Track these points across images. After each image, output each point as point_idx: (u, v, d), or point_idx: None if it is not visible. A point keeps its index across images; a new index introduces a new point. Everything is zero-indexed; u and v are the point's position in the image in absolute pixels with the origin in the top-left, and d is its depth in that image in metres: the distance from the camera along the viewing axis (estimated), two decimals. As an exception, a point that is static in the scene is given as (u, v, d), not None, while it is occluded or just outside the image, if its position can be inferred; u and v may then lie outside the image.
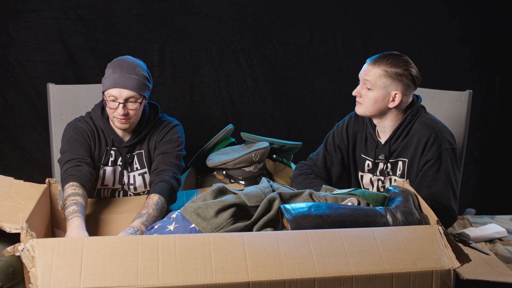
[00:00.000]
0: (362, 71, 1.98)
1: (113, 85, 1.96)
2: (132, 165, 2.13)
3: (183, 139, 2.16)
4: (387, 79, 1.91)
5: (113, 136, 2.07)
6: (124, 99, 1.97)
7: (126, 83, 1.96)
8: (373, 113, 1.97)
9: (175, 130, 2.13)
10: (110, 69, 1.99)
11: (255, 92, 3.31)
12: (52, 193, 1.74)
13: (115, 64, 2.00)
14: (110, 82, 1.97)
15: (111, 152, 2.09)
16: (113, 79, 1.96)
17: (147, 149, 2.12)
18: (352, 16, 3.30)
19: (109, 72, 1.99)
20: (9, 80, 3.00)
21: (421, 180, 1.90)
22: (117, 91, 1.96)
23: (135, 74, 1.98)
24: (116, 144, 2.08)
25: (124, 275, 1.17)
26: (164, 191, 1.93)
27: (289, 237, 1.31)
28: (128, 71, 1.97)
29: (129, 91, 1.97)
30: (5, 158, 3.07)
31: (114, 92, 1.96)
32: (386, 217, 1.52)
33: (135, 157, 2.12)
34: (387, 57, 1.93)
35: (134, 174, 2.13)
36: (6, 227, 1.33)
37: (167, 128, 2.13)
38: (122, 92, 1.96)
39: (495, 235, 1.87)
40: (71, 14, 3.00)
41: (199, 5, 3.14)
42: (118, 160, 2.11)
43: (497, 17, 3.39)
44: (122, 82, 1.96)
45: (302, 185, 2.08)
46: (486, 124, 3.50)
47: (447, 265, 1.29)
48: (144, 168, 2.13)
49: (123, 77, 1.96)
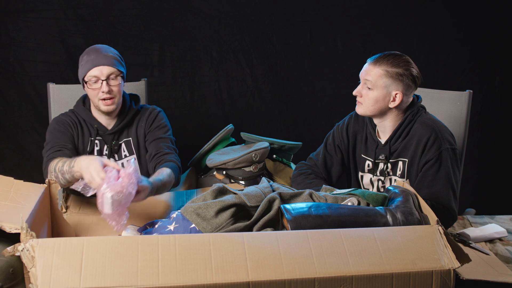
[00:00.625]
0: (362, 71, 1.97)
1: (92, 65, 2.05)
2: (120, 152, 2.19)
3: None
4: (387, 79, 1.91)
5: (97, 125, 2.14)
6: (106, 76, 2.05)
7: (104, 61, 2.06)
8: (374, 113, 1.97)
9: (161, 116, 2.23)
10: (85, 56, 2.09)
11: (255, 92, 3.31)
12: (52, 193, 1.74)
13: (88, 50, 2.10)
14: (88, 65, 2.06)
15: (96, 142, 2.15)
16: (91, 61, 2.05)
17: (135, 136, 2.20)
18: (352, 16, 3.30)
19: (84, 58, 2.08)
20: (9, 80, 3.00)
21: (421, 180, 1.90)
22: (98, 69, 2.05)
23: (109, 52, 2.09)
24: (100, 132, 2.15)
25: (124, 275, 1.17)
26: (174, 168, 2.03)
27: (289, 237, 1.30)
28: (102, 51, 2.08)
29: (109, 67, 2.06)
30: (5, 158, 3.07)
31: (95, 72, 2.05)
32: (386, 217, 1.52)
33: (123, 144, 2.19)
34: (388, 57, 1.92)
35: (123, 162, 2.19)
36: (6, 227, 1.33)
37: (153, 114, 2.22)
38: (102, 70, 2.05)
39: (495, 235, 1.87)
40: (71, 14, 3.00)
41: (199, 5, 3.14)
42: (103, 150, 2.16)
43: (497, 17, 3.39)
44: (100, 61, 2.05)
45: (302, 185, 2.08)
46: (486, 124, 3.50)
47: (447, 265, 1.29)
48: (132, 154, 2.20)
49: (100, 56, 2.06)
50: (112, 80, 2.07)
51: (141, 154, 2.22)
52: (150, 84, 2.92)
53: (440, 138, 1.91)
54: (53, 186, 1.73)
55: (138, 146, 2.21)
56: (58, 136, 2.10)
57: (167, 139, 2.17)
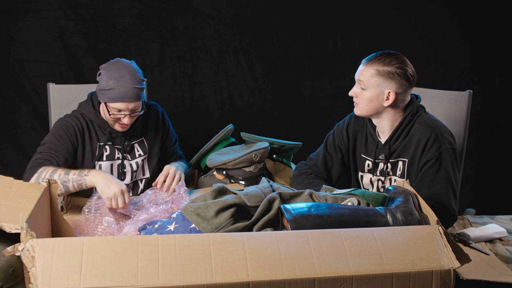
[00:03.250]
0: (357, 72, 1.99)
1: (119, 99, 1.97)
2: (133, 152, 2.18)
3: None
4: (379, 78, 1.91)
5: (109, 128, 2.11)
6: (131, 110, 2.01)
7: (132, 96, 1.98)
8: (369, 112, 1.98)
9: (167, 117, 2.30)
10: (112, 80, 1.97)
11: (255, 92, 3.31)
12: (52, 193, 1.73)
13: (116, 74, 1.98)
14: (115, 96, 1.97)
15: (105, 147, 2.12)
16: (119, 93, 1.96)
17: (148, 135, 2.21)
18: (352, 16, 3.30)
19: (111, 83, 1.97)
20: (9, 80, 3.00)
21: (421, 180, 1.90)
22: (124, 105, 1.99)
23: (136, 83, 2.00)
24: (113, 135, 2.12)
25: (124, 275, 1.17)
26: (186, 165, 2.29)
27: (289, 237, 1.30)
28: (131, 82, 1.98)
29: (135, 102, 2.01)
30: (5, 158, 3.07)
31: (120, 105, 1.99)
32: (386, 217, 1.52)
33: (136, 145, 2.19)
34: (380, 56, 1.93)
35: (137, 161, 2.18)
36: (6, 227, 1.33)
37: (162, 116, 2.27)
38: (129, 105, 2.00)
39: (495, 235, 1.87)
40: (71, 14, 3.00)
41: (199, 5, 3.14)
42: (115, 154, 2.14)
43: (497, 17, 3.39)
44: (128, 95, 1.97)
45: (302, 185, 2.08)
46: (486, 124, 3.50)
47: (447, 265, 1.29)
48: (145, 154, 2.21)
49: (128, 89, 1.97)
50: (135, 112, 2.04)
51: (152, 153, 2.23)
52: (150, 84, 2.92)
53: (440, 138, 1.91)
54: (53, 186, 1.73)
55: (151, 145, 2.22)
56: (57, 143, 2.04)
57: (176, 143, 2.35)
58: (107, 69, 2.01)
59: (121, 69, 2.00)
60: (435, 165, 1.89)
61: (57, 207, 1.76)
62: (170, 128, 2.31)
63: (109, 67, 2.01)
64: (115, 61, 2.05)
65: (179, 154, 2.38)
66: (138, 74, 2.03)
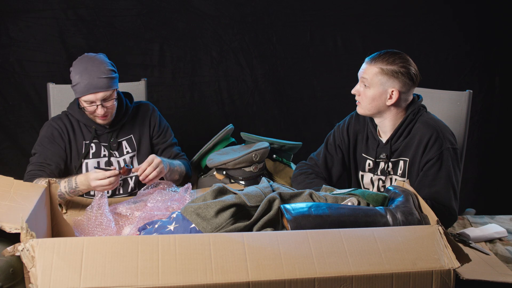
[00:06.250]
0: (360, 70, 1.98)
1: (86, 91, 2.02)
2: (121, 149, 2.20)
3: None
4: (383, 76, 1.91)
5: (94, 125, 2.15)
6: (101, 99, 2.04)
7: (98, 86, 2.02)
8: (372, 111, 1.98)
9: (161, 116, 2.32)
10: (77, 75, 2.03)
11: (255, 92, 3.31)
12: (52, 193, 1.73)
13: (80, 68, 2.03)
14: (82, 89, 2.02)
15: (91, 145, 2.15)
16: (84, 85, 2.01)
17: (137, 132, 2.23)
18: (352, 16, 3.30)
19: (77, 78, 2.03)
20: (9, 80, 3.00)
21: (422, 179, 1.90)
22: (92, 96, 2.03)
23: (102, 73, 2.03)
24: (99, 132, 2.16)
25: (124, 275, 1.17)
26: (185, 164, 2.26)
27: (289, 237, 1.30)
28: (95, 73, 2.02)
29: (103, 92, 2.03)
30: (5, 158, 3.07)
31: (89, 97, 2.03)
32: (386, 217, 1.52)
33: (124, 142, 2.21)
34: (384, 55, 1.93)
35: (125, 158, 2.20)
36: (6, 227, 1.33)
37: (155, 114, 2.28)
38: (97, 95, 2.03)
39: (495, 235, 1.87)
40: (71, 14, 3.00)
41: (199, 5, 3.14)
42: (101, 151, 2.17)
43: (497, 17, 3.39)
44: (94, 85, 2.01)
45: (302, 185, 2.08)
46: (486, 124, 3.50)
47: (447, 265, 1.29)
48: (134, 151, 2.23)
49: (93, 80, 2.01)
50: (107, 102, 2.07)
51: (141, 150, 2.24)
52: (150, 84, 2.92)
53: (441, 137, 1.91)
54: (53, 186, 1.73)
55: (140, 142, 2.23)
56: (45, 151, 2.11)
57: (174, 143, 2.34)
58: (73, 65, 2.07)
59: (85, 63, 2.05)
60: (436, 165, 1.89)
61: (57, 207, 1.76)
62: (161, 124, 2.30)
63: (75, 64, 2.07)
64: (81, 56, 2.10)
65: (176, 153, 2.34)
66: (103, 64, 2.06)
